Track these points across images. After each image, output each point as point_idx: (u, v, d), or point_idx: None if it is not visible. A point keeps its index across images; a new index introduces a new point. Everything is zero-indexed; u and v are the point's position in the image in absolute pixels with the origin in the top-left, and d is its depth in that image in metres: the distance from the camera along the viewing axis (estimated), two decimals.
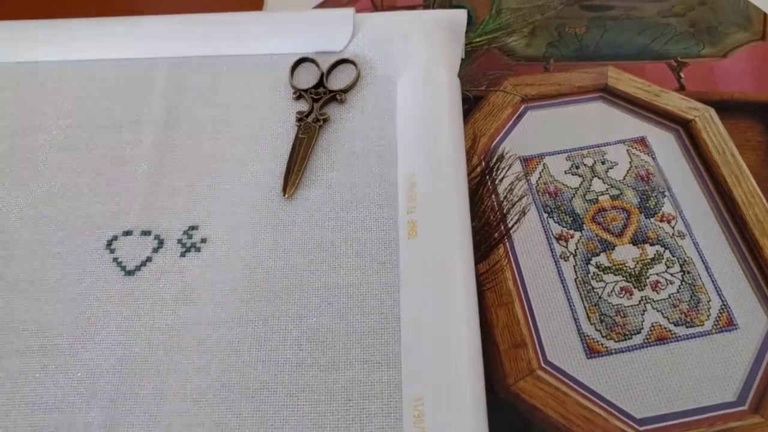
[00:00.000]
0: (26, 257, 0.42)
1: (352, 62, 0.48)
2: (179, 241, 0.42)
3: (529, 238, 0.45)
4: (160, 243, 0.42)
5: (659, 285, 0.43)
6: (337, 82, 0.48)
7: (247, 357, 0.38)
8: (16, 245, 0.42)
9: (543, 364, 0.41)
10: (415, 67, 0.47)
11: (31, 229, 0.43)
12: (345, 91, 0.47)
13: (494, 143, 0.49)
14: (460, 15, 0.50)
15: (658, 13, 0.54)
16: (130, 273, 0.41)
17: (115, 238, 0.42)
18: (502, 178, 0.47)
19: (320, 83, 0.47)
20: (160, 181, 0.44)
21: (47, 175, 0.45)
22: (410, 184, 0.42)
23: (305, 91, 0.47)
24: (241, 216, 0.43)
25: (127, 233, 0.42)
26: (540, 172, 0.48)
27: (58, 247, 0.42)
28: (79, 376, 0.38)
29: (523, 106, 0.51)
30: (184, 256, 0.41)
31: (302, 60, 0.49)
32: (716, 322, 0.41)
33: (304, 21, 0.50)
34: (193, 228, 0.42)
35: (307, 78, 0.48)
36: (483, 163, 0.48)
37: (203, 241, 0.42)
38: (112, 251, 0.42)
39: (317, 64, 0.48)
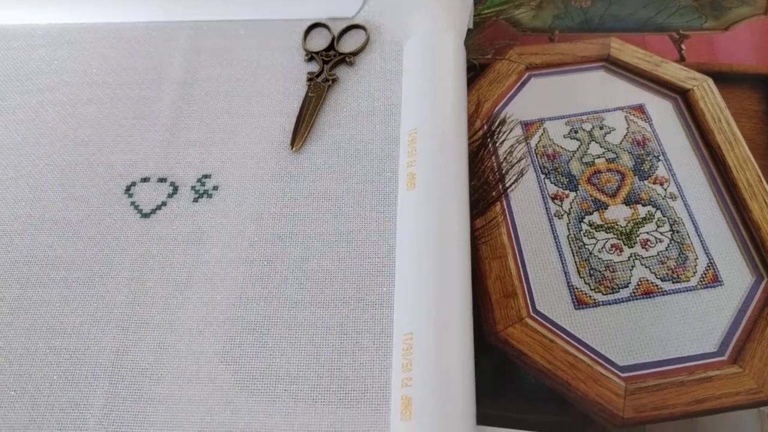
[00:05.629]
0: (52, 199, 0.45)
1: (363, 27, 0.50)
2: (193, 188, 0.45)
3: (525, 197, 0.47)
4: (175, 189, 0.45)
5: (649, 243, 0.44)
6: (347, 46, 0.50)
7: (250, 293, 0.41)
8: (43, 188, 0.45)
9: (532, 313, 0.42)
10: (423, 31, 0.49)
11: (57, 174, 0.46)
12: (354, 54, 0.49)
13: (497, 108, 0.51)
14: None
15: None
16: (146, 216, 0.44)
17: (133, 183, 0.45)
18: (503, 141, 0.49)
19: (331, 46, 0.50)
20: (177, 133, 0.47)
21: (73, 126, 0.48)
22: (411, 140, 0.44)
23: (317, 53, 0.49)
24: (252, 166, 0.45)
25: (145, 180, 0.45)
26: (540, 136, 0.49)
27: (80, 190, 0.45)
28: (95, 306, 0.41)
29: (527, 74, 0.52)
30: (196, 201, 0.44)
31: (315, 25, 0.51)
32: (702, 279, 0.43)
33: None
34: (206, 176, 0.45)
35: (319, 42, 0.50)
36: (485, 127, 0.50)
37: (215, 188, 0.45)
38: (130, 195, 0.45)
39: (329, 29, 0.51)
